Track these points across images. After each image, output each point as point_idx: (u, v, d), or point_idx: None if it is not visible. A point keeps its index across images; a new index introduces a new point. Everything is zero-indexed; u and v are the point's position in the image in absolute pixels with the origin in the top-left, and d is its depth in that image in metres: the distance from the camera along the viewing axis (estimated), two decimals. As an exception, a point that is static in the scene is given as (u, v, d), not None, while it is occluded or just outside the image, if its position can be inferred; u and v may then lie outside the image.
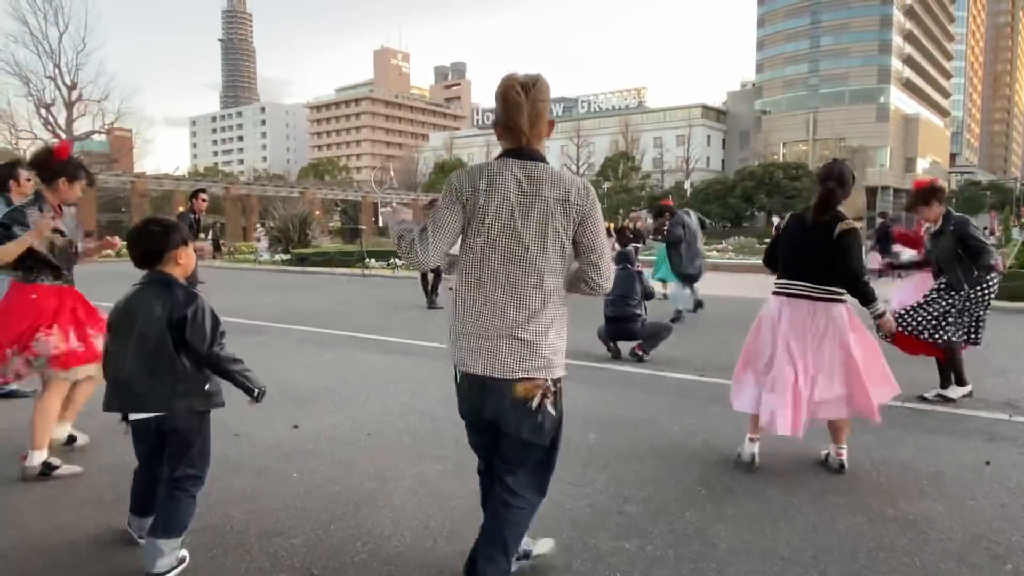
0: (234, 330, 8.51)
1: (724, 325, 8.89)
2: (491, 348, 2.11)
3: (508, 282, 2.11)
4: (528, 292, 2.11)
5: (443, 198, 2.16)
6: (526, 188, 2.10)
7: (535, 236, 2.09)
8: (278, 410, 4.72)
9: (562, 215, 2.11)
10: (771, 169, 56.69)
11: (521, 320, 2.10)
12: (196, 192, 9.29)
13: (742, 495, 3.23)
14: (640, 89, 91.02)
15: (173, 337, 2.45)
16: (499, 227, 2.10)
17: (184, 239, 2.60)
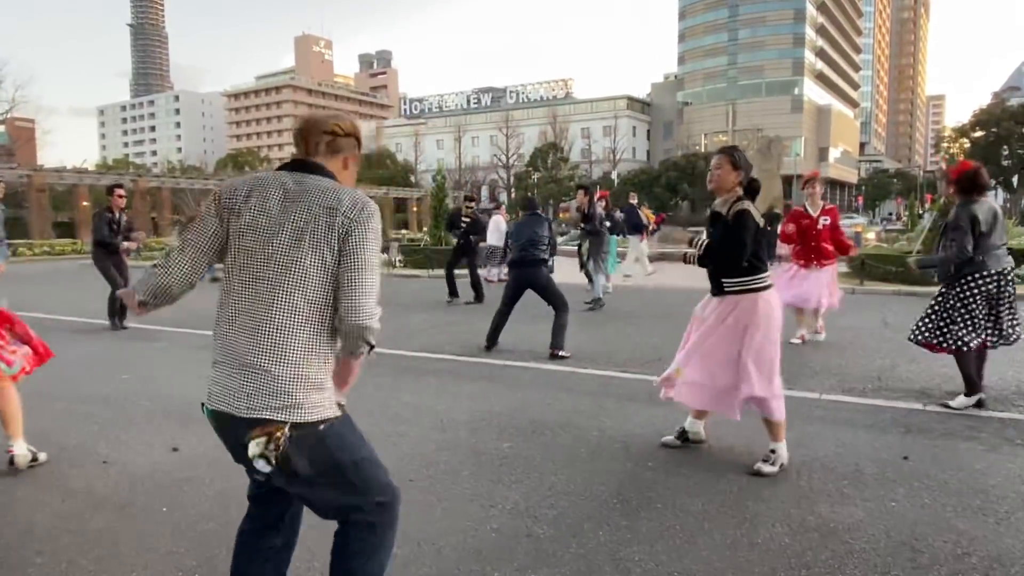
0: (127, 336, 7.88)
1: (648, 316, 8.81)
2: (228, 378, 1.75)
3: (257, 301, 1.75)
4: (278, 314, 1.73)
5: (202, 212, 1.85)
6: (291, 195, 1.79)
7: (288, 248, 1.74)
8: (158, 430, 4.25)
9: (326, 227, 1.75)
10: (694, 159, 58.16)
11: (264, 347, 1.72)
12: (111, 188, 8.54)
13: (659, 507, 3.02)
14: (567, 80, 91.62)
15: None
16: (253, 238, 1.77)
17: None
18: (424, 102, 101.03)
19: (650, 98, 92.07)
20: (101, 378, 5.75)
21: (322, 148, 1.90)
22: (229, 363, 1.76)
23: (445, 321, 8.34)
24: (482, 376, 5.62)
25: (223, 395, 1.75)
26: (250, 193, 1.81)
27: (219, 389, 1.76)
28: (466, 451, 3.78)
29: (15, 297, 10.38)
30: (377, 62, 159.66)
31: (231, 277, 1.80)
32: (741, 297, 3.47)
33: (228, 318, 1.78)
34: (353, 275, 1.74)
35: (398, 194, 54.44)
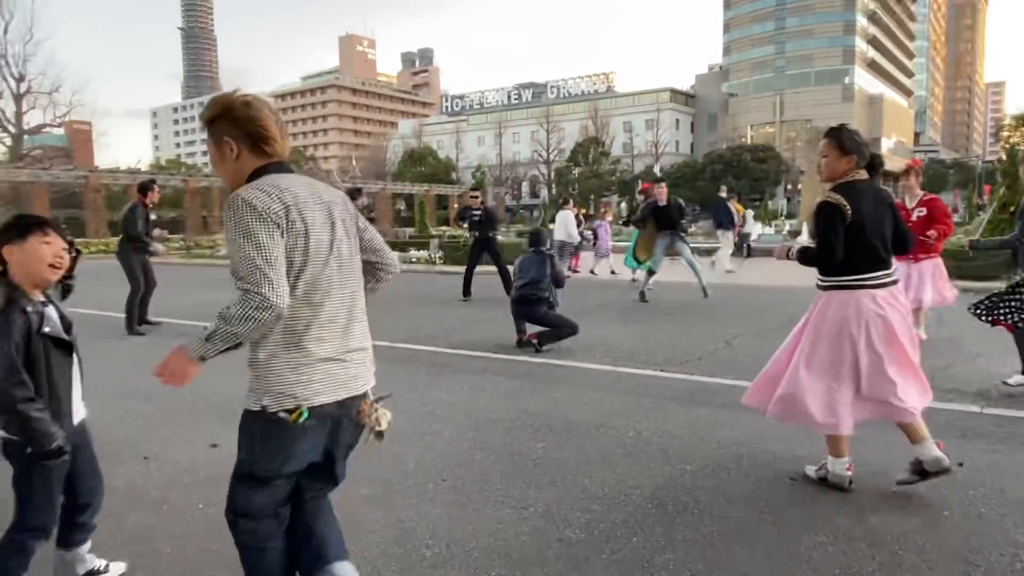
0: (173, 333, 8.06)
1: (690, 314, 8.63)
2: (342, 368, 1.89)
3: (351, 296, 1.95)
4: (360, 300, 2.01)
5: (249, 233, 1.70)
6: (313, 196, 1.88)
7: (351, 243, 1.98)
8: (199, 426, 4.32)
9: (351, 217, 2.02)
10: (739, 152, 56.99)
11: (362, 331, 2.03)
12: (145, 185, 8.43)
13: (696, 513, 2.92)
14: (608, 74, 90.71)
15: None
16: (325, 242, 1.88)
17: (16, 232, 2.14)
18: (465, 99, 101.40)
19: (694, 90, 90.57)
20: (147, 374, 5.86)
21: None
22: (340, 355, 1.86)
23: (482, 318, 8.31)
24: (518, 374, 5.57)
25: (343, 383, 1.86)
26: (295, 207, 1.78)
27: (330, 380, 1.83)
28: (499, 451, 3.74)
29: (79, 294, 10.63)
30: (419, 60, 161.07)
31: (321, 289, 1.82)
32: (830, 294, 3.15)
33: (333, 319, 1.85)
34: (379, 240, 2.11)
35: (439, 191, 54.78)
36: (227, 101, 1.84)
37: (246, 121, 1.82)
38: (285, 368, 1.78)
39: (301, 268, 1.78)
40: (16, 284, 2.13)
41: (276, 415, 1.77)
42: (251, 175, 1.83)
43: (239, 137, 1.83)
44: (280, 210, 1.73)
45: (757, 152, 57.11)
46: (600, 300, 10.08)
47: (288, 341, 1.79)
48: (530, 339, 6.41)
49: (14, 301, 2.09)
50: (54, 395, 2.15)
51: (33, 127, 40.31)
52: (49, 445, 2.05)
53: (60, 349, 2.21)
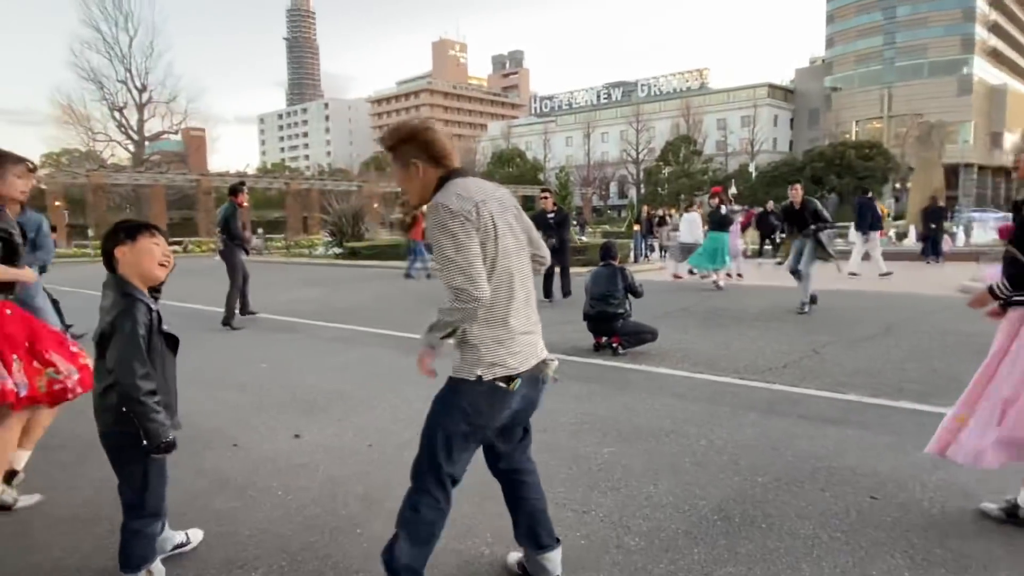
0: (269, 327, 8.55)
1: (776, 320, 8.30)
2: (533, 343, 2.24)
3: (530, 283, 2.26)
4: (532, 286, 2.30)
5: (453, 235, 2.01)
6: (493, 194, 2.19)
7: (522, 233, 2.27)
8: (285, 417, 4.57)
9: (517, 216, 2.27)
10: (842, 148, 53.99)
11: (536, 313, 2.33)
12: (236, 187, 9.04)
13: (764, 528, 2.83)
14: (702, 70, 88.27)
15: (101, 344, 2.22)
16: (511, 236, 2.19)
17: (127, 235, 2.29)
18: (554, 100, 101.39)
19: (794, 84, 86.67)
20: (241, 365, 6.28)
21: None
22: (531, 329, 2.21)
23: (557, 320, 8.32)
24: (590, 377, 5.55)
25: (533, 353, 2.19)
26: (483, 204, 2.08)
27: (529, 350, 2.18)
28: (565, 454, 3.75)
29: (181, 290, 11.51)
30: (509, 62, 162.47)
31: (513, 271, 2.14)
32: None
33: (524, 299, 2.18)
34: (535, 232, 2.35)
35: (526, 192, 55.09)
36: (411, 128, 2.17)
37: (427, 144, 2.14)
38: (493, 343, 2.09)
39: (495, 257, 2.07)
40: (130, 282, 2.26)
41: (493, 383, 2.09)
42: (437, 185, 2.12)
43: (424, 158, 2.14)
44: (470, 208, 2.02)
45: (862, 149, 53.91)
46: (682, 304, 9.87)
47: (492, 320, 2.10)
48: (612, 342, 6.36)
49: (135, 297, 2.22)
50: (167, 389, 2.30)
51: (153, 134, 43.61)
52: (162, 439, 2.17)
53: (170, 346, 2.38)
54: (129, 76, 41.04)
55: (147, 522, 2.31)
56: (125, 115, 41.53)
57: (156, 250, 2.32)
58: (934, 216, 16.58)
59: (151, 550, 2.33)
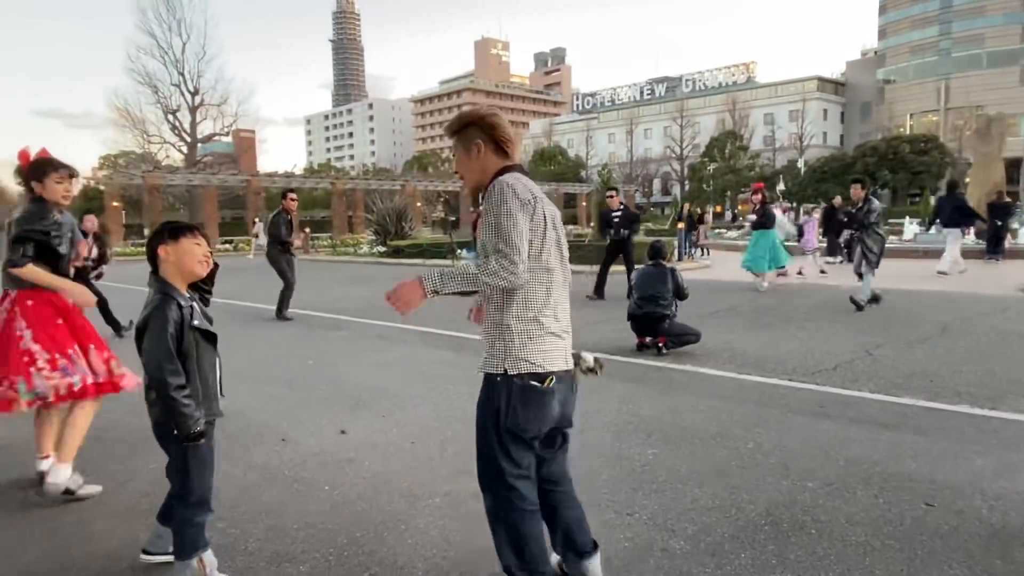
0: (316, 324, 8.71)
1: (827, 319, 8.08)
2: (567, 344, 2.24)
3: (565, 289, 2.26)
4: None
5: (510, 212, 2.06)
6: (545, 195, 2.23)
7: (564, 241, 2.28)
8: (331, 413, 4.65)
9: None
10: (896, 143, 52.31)
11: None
12: (284, 193, 9.47)
13: (814, 533, 2.76)
14: (749, 64, 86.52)
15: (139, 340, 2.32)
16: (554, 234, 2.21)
17: (170, 235, 2.39)
18: (596, 96, 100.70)
19: (844, 77, 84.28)
20: (289, 362, 6.41)
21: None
22: (563, 335, 2.21)
23: (602, 319, 8.26)
24: (634, 377, 5.50)
25: (563, 358, 2.20)
26: (540, 200, 2.15)
27: (559, 354, 2.18)
28: (608, 454, 3.72)
29: (232, 287, 11.82)
30: (551, 59, 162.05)
31: (552, 271, 2.16)
32: None
33: (557, 303, 2.19)
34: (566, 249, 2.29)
35: (567, 190, 54.88)
36: (478, 112, 2.25)
37: (493, 128, 2.21)
38: (524, 337, 2.11)
39: (539, 251, 2.11)
40: (169, 280, 2.38)
41: (527, 382, 2.10)
42: (496, 173, 2.17)
43: (487, 140, 2.20)
44: (531, 199, 2.09)
45: (917, 143, 52.06)
46: (729, 303, 9.70)
47: (525, 317, 2.12)
48: (658, 342, 6.28)
49: (169, 295, 2.33)
50: (203, 381, 2.38)
51: (205, 136, 44.84)
52: (192, 429, 2.26)
53: (207, 340, 2.46)
54: (182, 80, 42.29)
55: (194, 511, 2.38)
56: (178, 118, 42.81)
57: (197, 250, 2.42)
58: (1001, 212, 15.83)
59: (202, 539, 2.40)
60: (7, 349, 3.17)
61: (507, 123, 2.26)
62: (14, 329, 3.19)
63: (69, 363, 3.19)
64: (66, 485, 3.22)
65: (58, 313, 3.29)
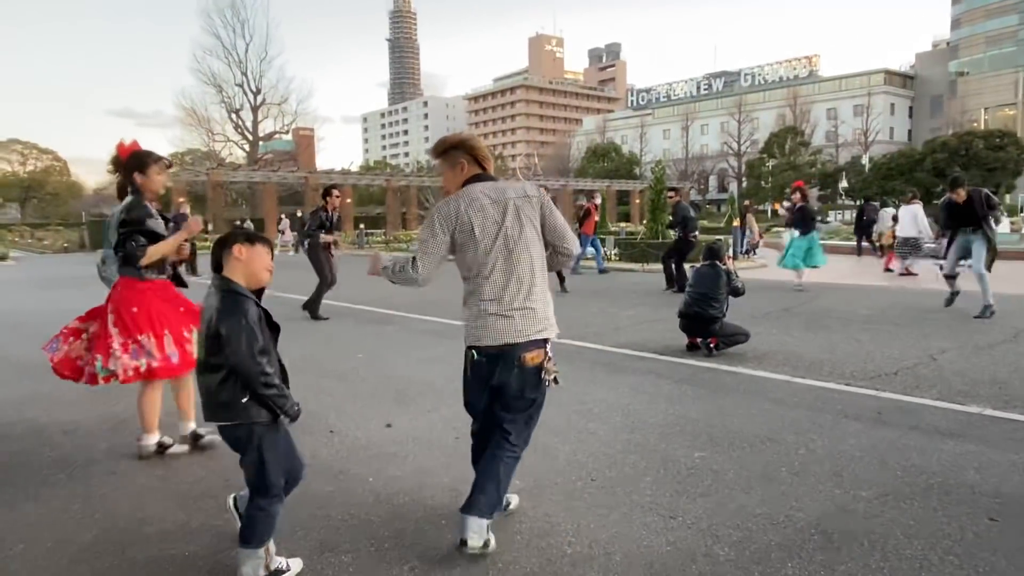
0: (365, 319, 8.86)
1: (889, 323, 7.77)
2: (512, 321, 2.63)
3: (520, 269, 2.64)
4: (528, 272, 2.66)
5: (429, 227, 2.64)
6: (493, 197, 2.64)
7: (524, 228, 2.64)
8: (378, 406, 4.72)
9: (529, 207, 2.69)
10: (968, 138, 49.74)
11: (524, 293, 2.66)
12: (328, 189, 9.26)
13: (865, 545, 2.65)
14: (812, 57, 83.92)
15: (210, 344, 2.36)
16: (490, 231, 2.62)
17: (243, 238, 2.45)
18: (651, 92, 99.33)
19: (914, 70, 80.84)
20: (340, 356, 6.54)
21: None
22: (508, 314, 2.65)
23: (653, 318, 8.15)
24: (683, 378, 5.40)
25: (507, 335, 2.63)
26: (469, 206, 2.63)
27: (500, 331, 2.64)
28: (653, 456, 3.66)
29: (286, 281, 12.03)
30: (606, 55, 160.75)
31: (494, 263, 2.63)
32: None
33: (504, 284, 2.65)
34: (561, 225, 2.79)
35: (620, 187, 54.34)
36: (459, 136, 2.78)
37: (473, 148, 2.72)
38: (471, 319, 2.66)
39: (463, 249, 2.62)
40: (235, 280, 2.39)
41: (471, 353, 2.70)
42: (464, 183, 2.68)
43: (469, 161, 2.70)
44: (452, 212, 2.59)
45: (992, 138, 49.40)
46: (784, 304, 9.43)
47: (470, 302, 2.68)
48: (709, 343, 6.16)
49: (241, 293, 2.36)
50: (277, 376, 2.43)
51: (266, 134, 46.24)
52: (294, 409, 2.39)
53: (275, 337, 2.51)
54: (245, 80, 43.74)
55: (270, 502, 2.44)
56: (241, 117, 44.33)
57: (266, 257, 2.48)
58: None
59: (271, 529, 2.46)
60: (102, 329, 3.58)
61: (483, 144, 2.76)
62: (106, 312, 3.60)
63: (139, 348, 3.53)
64: (154, 446, 3.73)
65: (135, 302, 3.59)
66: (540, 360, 2.61)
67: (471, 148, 2.70)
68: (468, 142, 2.72)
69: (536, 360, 2.61)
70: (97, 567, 2.60)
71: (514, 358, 2.59)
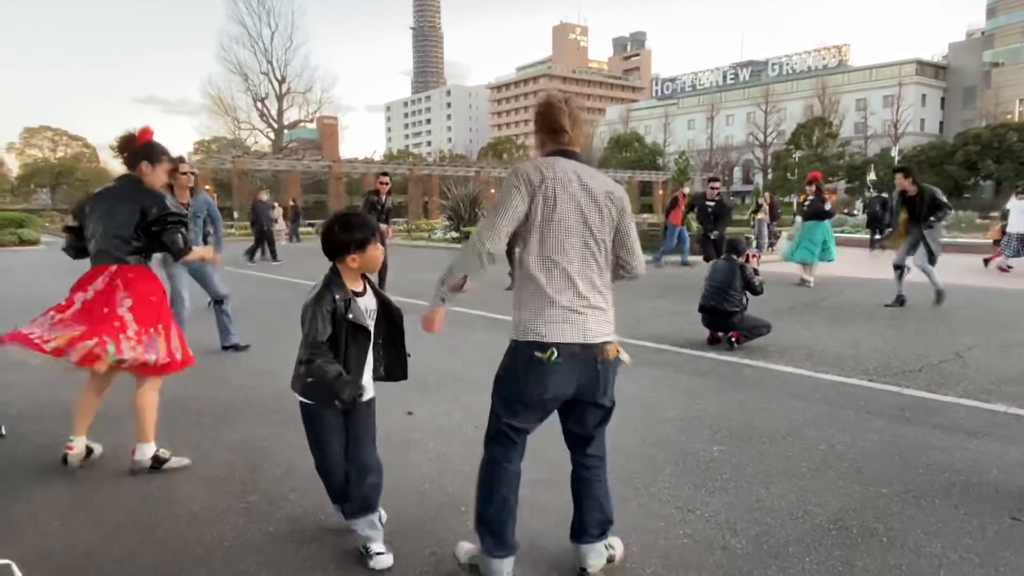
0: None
1: (914, 318, 7.66)
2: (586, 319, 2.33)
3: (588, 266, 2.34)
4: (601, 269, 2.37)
5: (509, 190, 2.28)
6: (584, 181, 2.33)
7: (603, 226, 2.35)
8: (400, 394, 4.74)
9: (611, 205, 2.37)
10: (1002, 131, 48.56)
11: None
12: (379, 175, 9.46)
13: (885, 542, 2.64)
14: (842, 47, 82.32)
15: None
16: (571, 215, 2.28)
17: (367, 239, 2.57)
18: (676, 81, 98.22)
19: (946, 60, 78.94)
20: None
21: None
22: (580, 309, 2.33)
23: (674, 311, 8.12)
24: (703, 372, 5.39)
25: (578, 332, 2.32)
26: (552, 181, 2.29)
27: (569, 327, 2.32)
28: (672, 449, 3.67)
29: (313, 269, 12.19)
30: (631, 44, 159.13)
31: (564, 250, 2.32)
32: None
33: (570, 279, 2.33)
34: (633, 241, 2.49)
35: (643, 177, 53.94)
36: (547, 97, 2.50)
37: (546, 111, 2.44)
38: (533, 310, 2.31)
39: (543, 226, 2.25)
40: (339, 272, 2.55)
41: (530, 351, 2.32)
42: (550, 153, 2.39)
43: (543, 128, 2.45)
44: (537, 177, 2.25)
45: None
46: (810, 298, 9.33)
47: (535, 291, 2.30)
48: (730, 337, 6.14)
49: (329, 288, 2.51)
50: (347, 370, 2.55)
51: (291, 123, 46.60)
52: (344, 390, 2.49)
53: (361, 334, 2.61)
54: (271, 68, 44.10)
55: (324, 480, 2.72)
56: (266, 105, 44.73)
57: (378, 254, 2.66)
58: None
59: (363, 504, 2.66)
60: (108, 312, 3.34)
61: (554, 110, 2.42)
62: (116, 297, 3.37)
63: (151, 340, 3.38)
64: (151, 458, 3.41)
65: (153, 292, 3.51)
66: (616, 352, 2.40)
67: (544, 110, 2.43)
68: (547, 103, 2.45)
69: (614, 352, 2.38)
70: (127, 545, 2.68)
71: (593, 357, 2.33)
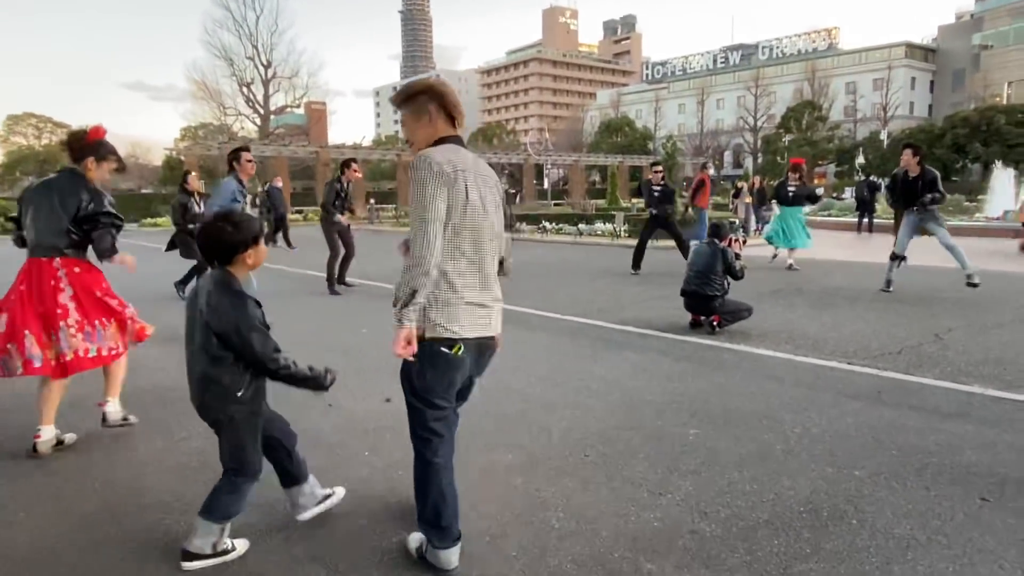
0: (375, 294, 8.90)
1: (896, 300, 7.69)
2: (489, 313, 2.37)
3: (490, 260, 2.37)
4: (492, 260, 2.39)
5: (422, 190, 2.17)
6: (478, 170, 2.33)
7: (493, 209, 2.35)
8: (379, 381, 4.75)
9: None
10: (991, 113, 48.67)
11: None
12: (348, 162, 9.12)
13: (854, 524, 2.65)
14: (831, 30, 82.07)
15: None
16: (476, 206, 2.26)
17: (254, 239, 2.44)
18: (667, 65, 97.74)
19: (936, 43, 78.91)
20: (347, 330, 6.58)
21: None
22: (485, 303, 2.38)
23: (657, 295, 8.11)
24: (684, 355, 5.39)
25: (484, 326, 2.38)
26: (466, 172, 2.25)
27: (476, 321, 2.35)
28: (648, 433, 3.67)
29: (304, 257, 12.01)
30: (621, 28, 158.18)
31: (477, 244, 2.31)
32: None
33: (481, 273, 2.36)
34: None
35: (633, 162, 53.78)
36: (427, 82, 2.38)
37: (443, 95, 2.34)
38: (441, 305, 2.27)
39: (458, 224, 2.20)
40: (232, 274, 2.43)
41: (436, 347, 2.35)
42: (436, 141, 2.30)
43: (437, 110, 2.33)
44: (448, 169, 2.17)
45: (1015, 113, 48.34)
46: (796, 283, 9.35)
47: (445, 285, 2.26)
48: (712, 321, 6.15)
49: (240, 296, 2.40)
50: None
51: (277, 108, 46.05)
52: (327, 381, 2.60)
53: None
54: (256, 53, 43.42)
55: (245, 480, 2.50)
56: (252, 90, 44.08)
57: (265, 249, 2.53)
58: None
59: (237, 508, 2.50)
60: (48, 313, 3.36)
61: (453, 91, 2.40)
62: (58, 292, 3.39)
63: (93, 331, 3.43)
64: (121, 415, 3.73)
65: (96, 283, 3.54)
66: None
67: (440, 95, 2.33)
68: (437, 88, 2.35)
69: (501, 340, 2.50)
70: (94, 536, 2.66)
71: (485, 348, 2.42)
